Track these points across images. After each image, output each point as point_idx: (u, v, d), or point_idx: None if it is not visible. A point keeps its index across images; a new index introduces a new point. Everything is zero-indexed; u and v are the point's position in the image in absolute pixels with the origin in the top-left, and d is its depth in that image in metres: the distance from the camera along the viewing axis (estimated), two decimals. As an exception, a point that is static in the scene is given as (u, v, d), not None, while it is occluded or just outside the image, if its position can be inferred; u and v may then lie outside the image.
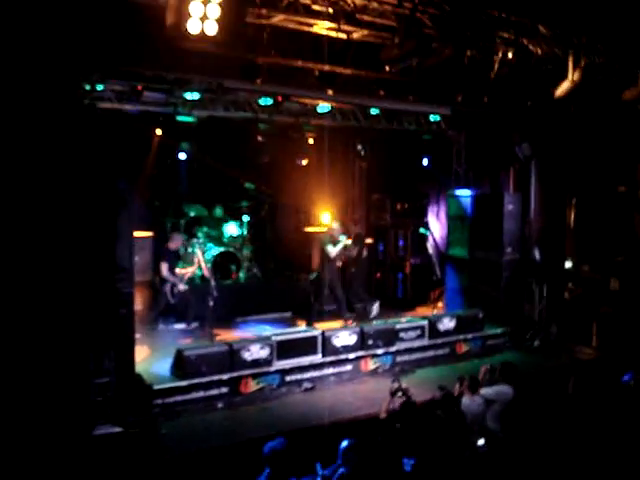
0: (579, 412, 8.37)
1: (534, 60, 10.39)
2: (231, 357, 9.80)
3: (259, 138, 13.36)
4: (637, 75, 11.06)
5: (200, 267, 12.03)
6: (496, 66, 10.18)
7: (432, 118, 13.69)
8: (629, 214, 13.41)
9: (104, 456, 7.86)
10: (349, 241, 12.82)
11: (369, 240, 14.80)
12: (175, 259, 11.56)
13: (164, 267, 11.27)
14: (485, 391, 8.13)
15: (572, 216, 13.99)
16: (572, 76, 10.32)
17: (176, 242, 11.66)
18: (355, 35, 9.46)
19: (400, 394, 7.99)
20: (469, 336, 12.31)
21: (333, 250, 12.37)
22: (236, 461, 7.91)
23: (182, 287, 11.22)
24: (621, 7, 9.86)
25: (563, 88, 10.51)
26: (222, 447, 8.26)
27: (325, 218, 14.94)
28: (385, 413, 7.99)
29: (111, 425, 8.38)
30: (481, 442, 7.63)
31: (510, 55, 10.06)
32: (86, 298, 8.48)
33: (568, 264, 13.83)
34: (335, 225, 12.75)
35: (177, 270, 11.54)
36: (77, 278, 8.39)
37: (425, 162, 15.33)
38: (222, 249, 13.05)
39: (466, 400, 7.75)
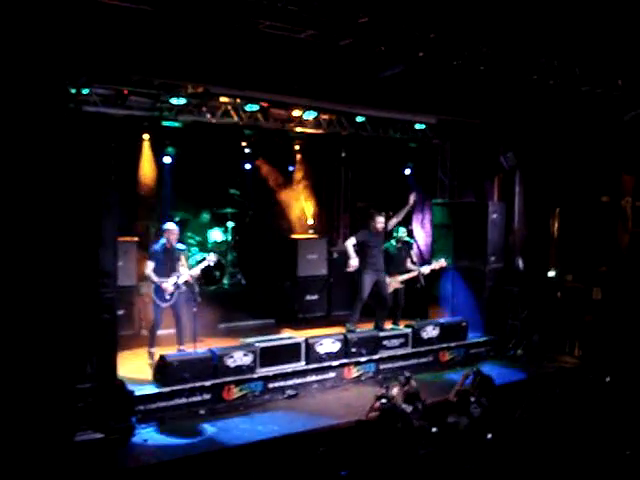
0: (559, 422, 8.39)
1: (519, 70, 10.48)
2: (214, 363, 9.77)
3: (245, 144, 13.40)
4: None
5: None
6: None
7: (417, 126, 13.76)
8: (612, 224, 13.50)
9: (85, 462, 7.80)
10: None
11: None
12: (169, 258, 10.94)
13: (150, 266, 10.45)
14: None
15: (556, 226, 14.08)
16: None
17: (172, 237, 10.54)
18: (342, 42, 9.48)
19: (385, 400, 7.98)
20: (452, 345, 12.35)
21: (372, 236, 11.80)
22: (218, 468, 7.88)
23: (170, 287, 10.38)
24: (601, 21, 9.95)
25: None
26: (205, 454, 8.21)
27: (310, 225, 14.97)
28: (366, 417, 8.00)
29: (92, 431, 8.31)
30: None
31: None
32: (69, 303, 8.41)
33: (551, 274, 13.91)
34: (379, 217, 11.94)
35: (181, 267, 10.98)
36: (60, 282, 8.33)
37: (410, 170, 15.38)
38: (206, 255, 12.98)
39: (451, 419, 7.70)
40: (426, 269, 12.66)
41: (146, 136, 12.46)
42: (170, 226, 10.63)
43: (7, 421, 7.66)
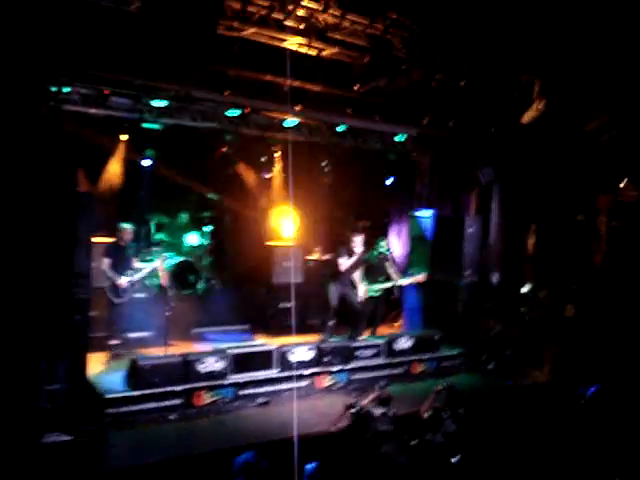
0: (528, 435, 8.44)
1: (499, 87, 10.58)
2: (185, 369, 9.72)
3: (224, 149, 13.37)
4: (600, 107, 11.29)
5: (158, 275, 11.88)
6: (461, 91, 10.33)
7: (398, 138, 13.80)
8: (587, 242, 13.62)
9: (52, 465, 7.72)
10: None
11: (327, 257, 14.71)
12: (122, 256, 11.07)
13: (106, 262, 10.81)
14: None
15: (531, 241, 14.17)
16: (537, 104, 10.51)
17: (126, 236, 11.07)
18: (325, 52, 9.54)
19: (354, 410, 7.97)
20: (425, 356, 12.37)
21: (346, 262, 11.97)
22: (187, 474, 7.83)
23: (123, 282, 10.76)
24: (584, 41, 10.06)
25: (529, 115, 10.70)
26: (173, 459, 8.15)
27: (287, 232, 14.93)
28: (334, 427, 7.99)
29: (61, 433, 8.24)
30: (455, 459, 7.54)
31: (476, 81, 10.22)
32: (40, 303, 8.34)
33: (525, 289, 13.99)
34: (356, 237, 12.14)
35: (135, 264, 11.17)
36: (32, 282, 8.26)
37: (389, 182, 15.46)
38: (181, 259, 12.94)
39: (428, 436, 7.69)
40: (405, 281, 12.75)
41: (125, 137, 12.35)
42: (123, 226, 11.07)
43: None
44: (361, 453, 7.31)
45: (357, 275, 12.23)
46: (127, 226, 11.12)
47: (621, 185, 13.24)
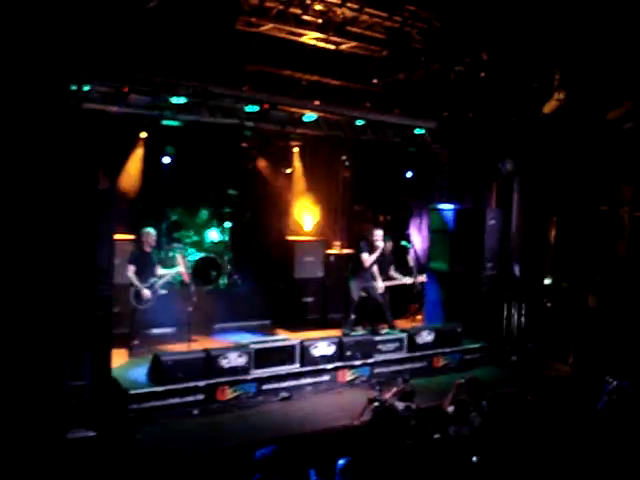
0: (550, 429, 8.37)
1: (519, 77, 10.51)
2: (208, 364, 9.75)
3: (244, 145, 13.39)
4: (622, 96, 11.17)
5: (180, 272, 11.94)
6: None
7: (417, 131, 13.75)
8: (609, 233, 13.51)
9: (78, 460, 7.79)
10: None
11: (348, 251, 14.70)
12: (147, 263, 11.11)
13: (131, 269, 10.86)
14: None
15: (553, 233, 14.07)
16: (558, 94, 10.43)
17: (150, 241, 11.09)
18: (344, 46, 9.52)
19: (377, 404, 7.97)
20: (447, 350, 12.32)
21: (370, 257, 12.14)
22: (210, 469, 7.86)
23: (147, 293, 10.85)
24: (605, 30, 9.96)
25: (550, 106, 10.63)
26: (196, 454, 8.21)
27: (307, 227, 14.95)
28: (358, 420, 7.98)
29: (85, 429, 8.31)
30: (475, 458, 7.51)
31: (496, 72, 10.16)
32: (64, 300, 8.41)
33: (547, 281, 13.91)
34: (377, 231, 12.29)
35: (159, 271, 11.22)
36: (55, 280, 8.32)
37: (409, 175, 15.42)
38: (203, 255, 12.99)
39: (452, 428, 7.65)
40: (407, 280, 12.75)
41: (145, 134, 12.42)
42: (145, 231, 11.09)
43: None
44: (385, 447, 7.30)
45: (376, 268, 12.27)
46: (151, 231, 11.15)
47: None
